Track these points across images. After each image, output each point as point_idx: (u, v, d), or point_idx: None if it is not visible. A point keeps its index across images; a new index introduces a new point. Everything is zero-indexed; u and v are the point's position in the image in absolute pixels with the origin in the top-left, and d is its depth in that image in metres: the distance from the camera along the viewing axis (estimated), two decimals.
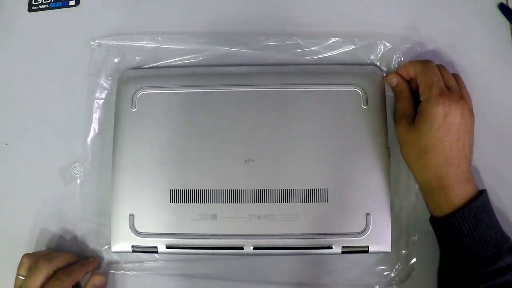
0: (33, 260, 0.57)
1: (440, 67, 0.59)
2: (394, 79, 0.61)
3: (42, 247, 0.63)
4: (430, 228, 0.58)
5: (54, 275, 0.56)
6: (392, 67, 0.63)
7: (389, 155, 0.60)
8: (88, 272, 0.60)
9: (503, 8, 0.66)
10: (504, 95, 0.64)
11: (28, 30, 0.69)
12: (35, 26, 0.69)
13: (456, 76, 0.60)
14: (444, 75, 0.58)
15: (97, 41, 0.66)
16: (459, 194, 0.54)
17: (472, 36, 0.66)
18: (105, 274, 0.61)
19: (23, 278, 0.56)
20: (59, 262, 0.57)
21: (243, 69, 0.64)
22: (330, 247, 0.57)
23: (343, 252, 0.57)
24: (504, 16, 0.66)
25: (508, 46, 0.65)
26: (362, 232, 0.57)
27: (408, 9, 0.66)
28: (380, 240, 0.57)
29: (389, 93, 0.63)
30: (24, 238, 0.63)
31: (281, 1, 0.68)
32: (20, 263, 0.57)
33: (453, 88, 0.57)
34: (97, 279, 0.60)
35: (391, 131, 0.61)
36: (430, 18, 0.66)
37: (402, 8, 0.66)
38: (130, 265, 0.62)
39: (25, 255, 0.58)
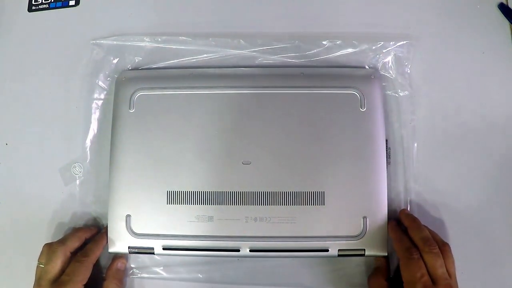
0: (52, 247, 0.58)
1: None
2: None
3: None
4: None
5: (73, 257, 0.57)
6: (391, 70, 0.63)
7: (388, 157, 0.60)
8: (104, 245, 0.60)
9: (503, 8, 0.65)
10: (504, 95, 0.64)
11: (28, 30, 0.69)
12: (35, 26, 0.69)
13: (446, 254, 0.54)
14: (435, 263, 0.52)
15: (96, 41, 0.66)
16: None
17: (472, 36, 0.65)
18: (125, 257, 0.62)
19: (43, 266, 0.56)
20: (72, 242, 0.58)
21: (241, 70, 0.64)
22: (327, 250, 0.57)
23: (339, 255, 0.57)
24: (504, 16, 0.65)
25: (508, 46, 0.65)
26: (359, 235, 0.57)
27: (407, 10, 0.66)
28: (376, 243, 0.57)
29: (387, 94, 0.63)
30: (24, 238, 0.64)
31: (281, 2, 0.67)
32: (41, 252, 0.58)
33: (440, 279, 0.51)
34: (119, 262, 0.61)
35: (390, 132, 0.61)
36: (430, 19, 0.66)
37: (402, 10, 0.66)
38: (131, 269, 0.62)
39: (45, 244, 0.58)
